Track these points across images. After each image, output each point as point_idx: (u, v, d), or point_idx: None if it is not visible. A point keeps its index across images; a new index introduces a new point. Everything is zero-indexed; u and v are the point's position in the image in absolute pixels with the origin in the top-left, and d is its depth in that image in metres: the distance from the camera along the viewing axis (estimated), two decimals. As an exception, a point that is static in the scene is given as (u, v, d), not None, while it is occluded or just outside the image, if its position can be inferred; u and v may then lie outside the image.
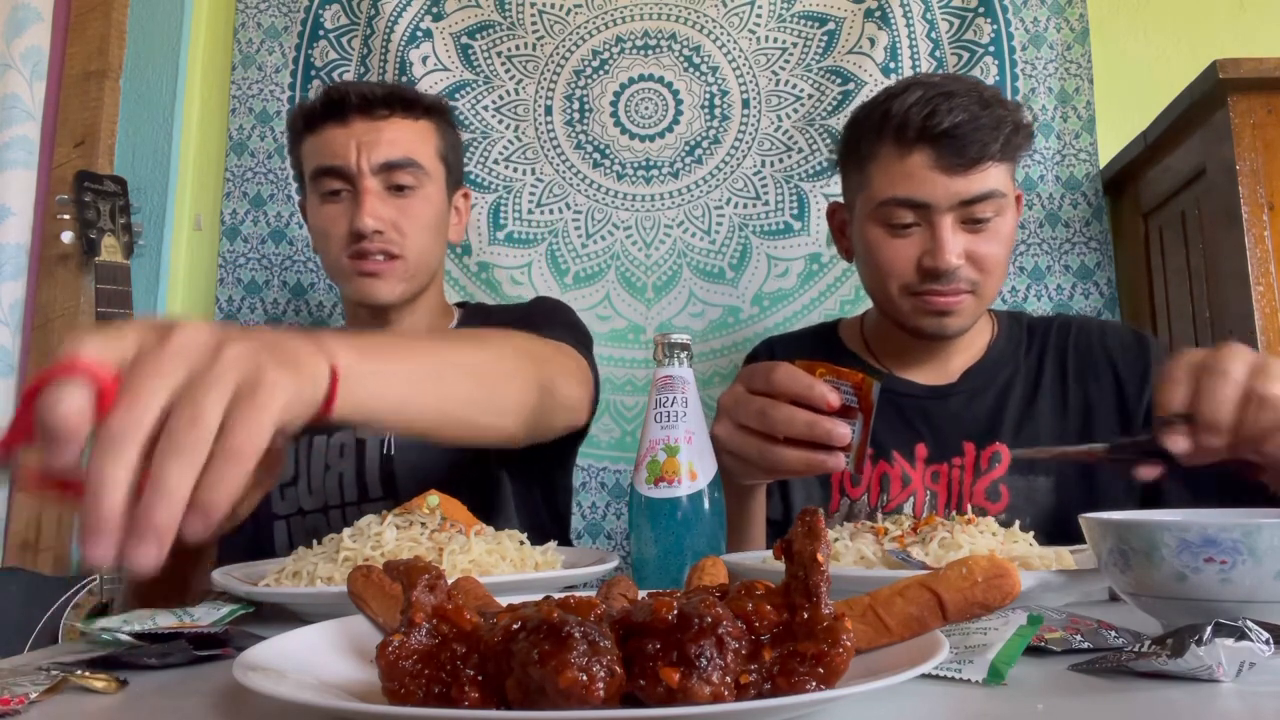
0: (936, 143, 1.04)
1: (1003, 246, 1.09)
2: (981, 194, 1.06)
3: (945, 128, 1.03)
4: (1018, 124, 1.08)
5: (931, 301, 1.08)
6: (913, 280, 1.09)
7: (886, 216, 1.09)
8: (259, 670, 0.44)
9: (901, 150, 1.07)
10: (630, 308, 1.73)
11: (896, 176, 1.07)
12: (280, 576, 0.76)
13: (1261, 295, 1.29)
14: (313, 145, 1.21)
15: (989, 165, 1.05)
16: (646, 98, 1.77)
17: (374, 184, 1.17)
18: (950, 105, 1.04)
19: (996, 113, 1.06)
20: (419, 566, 0.44)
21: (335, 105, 1.18)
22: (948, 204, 1.06)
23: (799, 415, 0.79)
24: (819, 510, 0.43)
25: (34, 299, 1.73)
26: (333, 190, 1.18)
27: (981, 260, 1.08)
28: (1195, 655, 0.46)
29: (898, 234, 1.09)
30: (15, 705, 0.46)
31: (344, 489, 1.17)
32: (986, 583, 0.47)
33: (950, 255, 1.05)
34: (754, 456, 0.82)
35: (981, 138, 1.04)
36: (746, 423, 0.82)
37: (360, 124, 1.17)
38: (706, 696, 0.37)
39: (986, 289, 1.10)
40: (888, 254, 1.10)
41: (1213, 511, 0.62)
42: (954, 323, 1.10)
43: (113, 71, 1.80)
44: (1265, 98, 1.32)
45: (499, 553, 0.78)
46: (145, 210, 1.75)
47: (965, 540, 0.74)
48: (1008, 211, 1.10)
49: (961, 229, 1.07)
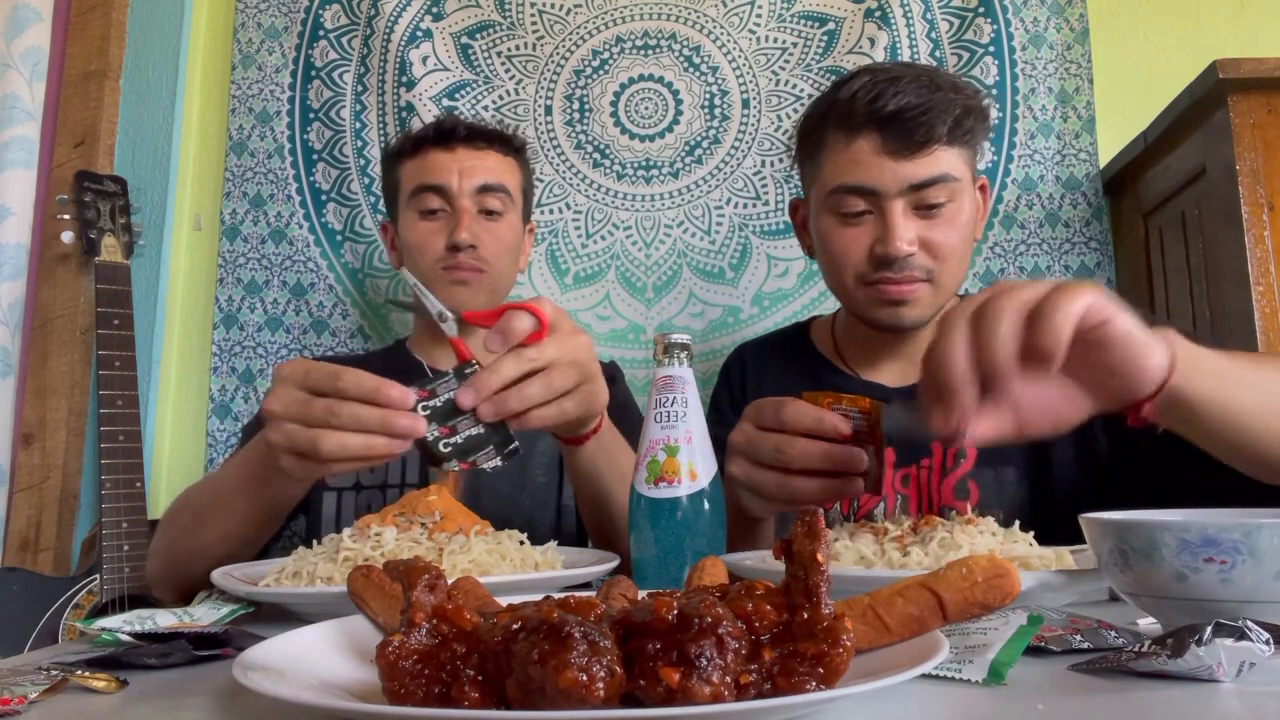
0: (883, 126, 1.03)
1: (959, 234, 1.06)
2: (931, 178, 1.03)
3: (890, 110, 1.02)
4: (970, 108, 1.05)
5: (885, 291, 1.06)
6: (866, 269, 1.07)
7: (837, 205, 1.07)
8: (259, 670, 0.44)
9: (849, 136, 1.05)
10: (630, 308, 1.73)
11: (844, 163, 1.06)
12: (280, 576, 0.76)
13: (1261, 295, 1.29)
14: (415, 166, 1.32)
15: (937, 149, 1.03)
16: (646, 98, 1.77)
17: (470, 205, 1.30)
18: (896, 89, 1.02)
19: (947, 96, 1.03)
20: (419, 566, 0.45)
21: (445, 133, 1.32)
22: (897, 189, 1.04)
23: (814, 447, 0.79)
24: (819, 510, 0.43)
25: (34, 299, 1.73)
26: (430, 209, 1.31)
27: (936, 248, 1.05)
28: (1195, 655, 0.46)
29: (849, 222, 1.07)
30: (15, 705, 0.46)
31: (406, 471, 1.23)
32: (986, 583, 0.47)
33: (900, 242, 1.03)
34: (772, 491, 0.82)
35: (929, 120, 1.02)
36: (762, 460, 0.82)
37: (463, 151, 1.32)
38: (706, 696, 0.37)
39: (943, 278, 1.07)
40: (840, 243, 1.08)
41: (1213, 511, 0.62)
42: (910, 313, 1.07)
43: (113, 71, 1.80)
44: (1265, 98, 1.32)
45: (499, 553, 0.78)
46: (145, 210, 1.75)
47: (965, 540, 0.74)
48: (963, 197, 1.07)
49: (914, 215, 1.05)
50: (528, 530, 0.86)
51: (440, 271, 1.29)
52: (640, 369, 1.67)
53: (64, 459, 1.67)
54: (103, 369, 1.55)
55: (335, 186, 1.78)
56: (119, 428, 1.54)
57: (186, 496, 1.05)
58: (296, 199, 1.78)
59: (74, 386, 1.69)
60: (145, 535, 1.52)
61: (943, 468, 1.10)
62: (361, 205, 1.77)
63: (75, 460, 1.67)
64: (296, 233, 1.77)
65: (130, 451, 1.54)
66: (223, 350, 1.74)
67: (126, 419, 1.55)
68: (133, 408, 1.56)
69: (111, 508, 1.50)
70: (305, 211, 1.78)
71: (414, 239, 1.31)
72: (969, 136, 1.07)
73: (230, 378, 1.74)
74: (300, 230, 1.77)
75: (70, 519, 1.66)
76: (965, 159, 1.08)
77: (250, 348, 1.75)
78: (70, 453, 1.67)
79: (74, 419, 1.68)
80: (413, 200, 1.32)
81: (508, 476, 1.24)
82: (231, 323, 1.75)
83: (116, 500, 1.50)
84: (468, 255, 1.28)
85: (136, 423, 1.56)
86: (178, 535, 1.00)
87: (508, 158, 1.36)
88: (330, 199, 1.78)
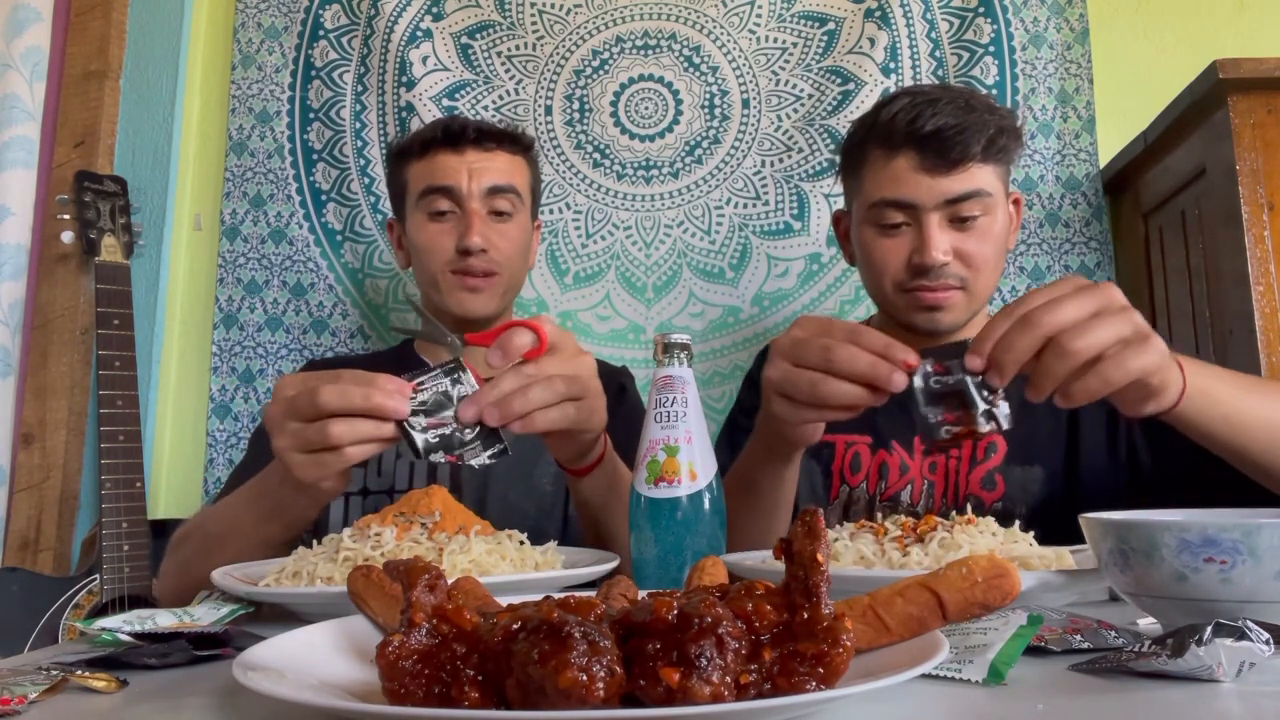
0: (921, 145, 1.09)
1: (992, 245, 1.13)
2: (965, 193, 1.10)
3: (928, 131, 1.09)
4: (1003, 128, 1.12)
5: (922, 297, 1.12)
6: (904, 278, 1.13)
7: (878, 218, 1.14)
8: (259, 670, 0.44)
9: (889, 154, 1.12)
10: (630, 308, 1.73)
11: (884, 179, 1.12)
12: (280, 576, 0.76)
13: (1261, 295, 1.29)
14: (423, 167, 1.31)
15: (972, 166, 1.10)
16: (646, 98, 1.77)
17: (479, 207, 1.29)
18: (934, 110, 1.09)
19: (982, 117, 1.10)
20: (419, 566, 0.44)
21: (453, 134, 1.30)
22: (933, 203, 1.10)
23: (860, 352, 0.79)
24: (819, 510, 0.43)
25: (34, 299, 1.73)
26: (439, 210, 1.29)
27: (969, 258, 1.11)
28: (1195, 655, 0.46)
29: (888, 234, 1.14)
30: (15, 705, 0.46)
31: (413, 476, 1.23)
32: (986, 583, 0.47)
33: (936, 252, 1.09)
34: (805, 391, 0.81)
35: (964, 140, 1.08)
36: (804, 361, 0.81)
37: (472, 153, 1.30)
38: (706, 696, 0.37)
39: (977, 286, 1.13)
40: (880, 253, 1.14)
41: (1213, 511, 0.62)
42: (945, 318, 1.13)
43: (113, 71, 1.80)
44: (1265, 98, 1.32)
45: (499, 553, 0.78)
46: (145, 210, 1.75)
47: (965, 540, 0.74)
48: (996, 211, 1.13)
49: (949, 227, 1.11)
50: (532, 535, 0.86)
51: (450, 275, 1.29)
52: (640, 369, 1.67)
53: (64, 459, 1.67)
54: (103, 369, 1.55)
55: (335, 186, 1.78)
56: (119, 428, 1.54)
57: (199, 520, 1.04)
58: (296, 199, 1.78)
59: (74, 386, 1.69)
60: (145, 535, 1.52)
61: (972, 459, 1.14)
62: (361, 205, 1.77)
63: (75, 460, 1.68)
64: (296, 233, 1.77)
65: (130, 451, 1.54)
66: (223, 350, 1.74)
67: (126, 419, 1.55)
68: (133, 408, 1.56)
69: (111, 508, 1.50)
70: (305, 211, 1.78)
71: (423, 241, 1.30)
72: (1002, 154, 1.13)
73: (230, 378, 1.74)
74: (300, 230, 1.77)
75: (70, 519, 1.66)
76: (999, 175, 1.14)
77: (250, 348, 1.75)
78: (70, 453, 1.67)
79: (74, 419, 1.68)
80: (421, 202, 1.31)
81: (514, 485, 1.24)
82: (231, 323, 1.75)
83: (116, 500, 1.51)
84: (479, 259, 1.27)
85: (136, 423, 1.56)
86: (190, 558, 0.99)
87: (516, 157, 1.35)
88: (330, 199, 1.78)
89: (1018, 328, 0.74)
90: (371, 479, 1.24)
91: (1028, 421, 1.14)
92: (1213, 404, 0.82)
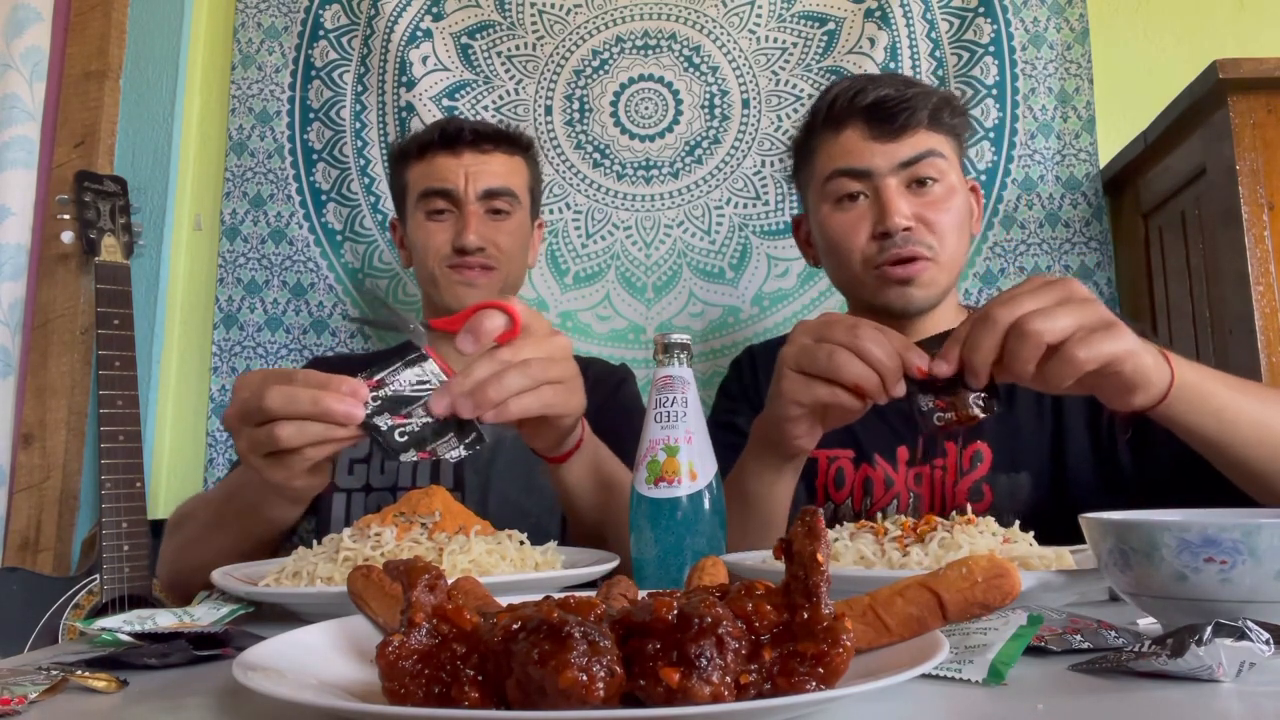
0: (867, 116, 1.11)
1: (953, 216, 1.12)
2: (918, 154, 1.10)
3: (871, 101, 1.10)
4: (946, 98, 1.13)
5: (893, 272, 1.10)
6: (872, 252, 1.11)
7: (834, 191, 1.13)
8: (259, 670, 0.44)
9: (837, 130, 1.14)
10: (630, 308, 1.73)
11: (836, 153, 1.13)
12: (280, 576, 0.76)
13: (1261, 295, 1.29)
14: (422, 169, 1.33)
15: (921, 131, 1.11)
16: (646, 98, 1.77)
17: (476, 208, 1.30)
18: (875, 84, 1.12)
19: (923, 89, 1.13)
20: (419, 566, 0.44)
21: (450, 136, 1.32)
22: (888, 167, 1.10)
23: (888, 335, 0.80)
24: (819, 510, 0.43)
25: (34, 299, 1.73)
26: (437, 210, 1.32)
27: (932, 224, 1.10)
28: (1195, 655, 0.46)
29: (846, 207, 1.13)
30: (15, 705, 0.46)
31: (416, 474, 1.23)
32: (986, 583, 0.47)
33: (897, 217, 1.08)
34: (822, 364, 0.80)
35: (910, 104, 1.10)
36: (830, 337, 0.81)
37: (469, 155, 1.32)
38: (706, 696, 0.37)
39: (944, 256, 1.11)
40: (842, 229, 1.13)
41: (1213, 511, 0.62)
42: (918, 293, 1.11)
43: (113, 71, 1.80)
44: (1265, 98, 1.32)
45: (499, 553, 0.78)
46: (145, 210, 1.75)
47: (965, 540, 0.74)
48: (951, 176, 1.13)
49: (907, 193, 1.11)
50: (535, 534, 0.86)
51: (448, 270, 1.31)
52: (640, 369, 1.67)
53: (64, 459, 1.67)
54: (103, 369, 1.55)
55: (335, 186, 1.78)
56: (119, 428, 1.54)
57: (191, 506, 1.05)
58: (296, 199, 1.78)
59: (74, 386, 1.69)
60: (145, 535, 1.52)
61: (958, 469, 1.12)
62: (361, 205, 1.77)
63: (75, 460, 1.67)
64: (296, 233, 1.77)
65: (130, 451, 1.54)
66: (223, 350, 1.74)
67: (126, 419, 1.55)
68: (133, 408, 1.56)
69: (111, 508, 1.50)
70: (305, 211, 1.78)
71: (421, 239, 1.33)
72: (951, 128, 1.14)
73: (230, 378, 1.74)
74: (300, 230, 1.77)
75: (70, 519, 1.66)
76: (950, 146, 1.14)
77: (250, 348, 1.75)
78: (70, 453, 1.67)
79: (74, 419, 1.68)
80: (420, 203, 1.33)
81: (517, 482, 1.24)
82: (231, 323, 1.75)
83: (116, 500, 1.50)
84: (476, 257, 1.29)
85: (136, 423, 1.56)
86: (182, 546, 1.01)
87: (514, 157, 1.36)
88: (330, 199, 1.78)
89: (980, 325, 0.75)
90: (375, 476, 1.24)
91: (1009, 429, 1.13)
92: (1202, 400, 0.81)
